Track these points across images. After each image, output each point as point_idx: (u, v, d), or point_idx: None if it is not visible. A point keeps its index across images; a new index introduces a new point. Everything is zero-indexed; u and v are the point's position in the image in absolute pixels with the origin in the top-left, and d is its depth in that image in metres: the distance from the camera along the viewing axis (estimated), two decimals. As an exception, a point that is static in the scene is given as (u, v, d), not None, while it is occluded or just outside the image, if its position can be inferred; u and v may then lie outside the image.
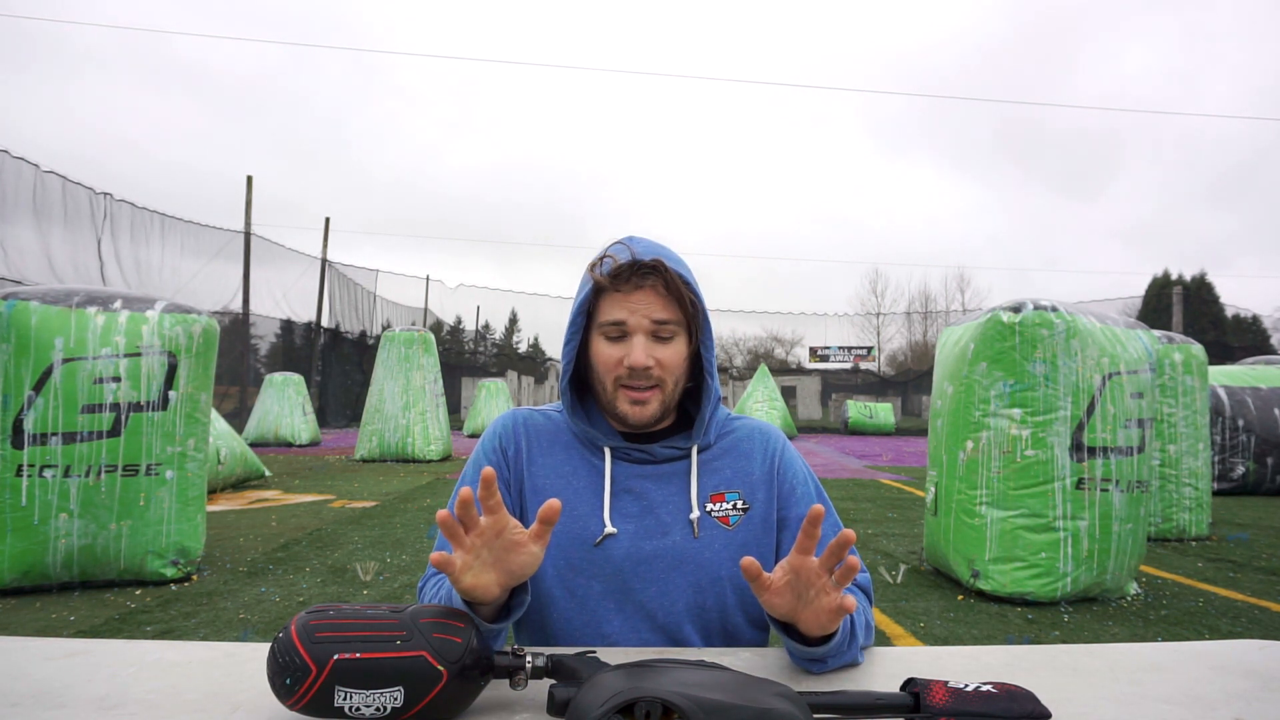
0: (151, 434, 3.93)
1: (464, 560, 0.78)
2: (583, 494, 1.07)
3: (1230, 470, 8.43)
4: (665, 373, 1.04)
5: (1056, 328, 3.83)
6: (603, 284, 1.04)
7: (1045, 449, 3.80)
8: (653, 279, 1.03)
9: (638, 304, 1.03)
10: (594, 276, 1.04)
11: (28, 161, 11.87)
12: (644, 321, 1.03)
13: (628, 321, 1.03)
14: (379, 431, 11.28)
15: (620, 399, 1.05)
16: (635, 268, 1.02)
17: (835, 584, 0.82)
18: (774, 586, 0.83)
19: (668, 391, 1.06)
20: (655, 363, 1.03)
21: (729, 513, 1.08)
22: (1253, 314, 27.07)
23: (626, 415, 1.05)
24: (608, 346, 1.05)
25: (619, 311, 1.03)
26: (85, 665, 0.84)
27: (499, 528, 0.79)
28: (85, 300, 3.95)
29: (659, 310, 1.03)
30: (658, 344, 1.04)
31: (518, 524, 0.81)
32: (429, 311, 29.55)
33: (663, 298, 1.04)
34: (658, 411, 1.06)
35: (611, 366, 1.04)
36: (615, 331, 1.04)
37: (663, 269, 1.03)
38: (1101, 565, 3.81)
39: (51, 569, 3.75)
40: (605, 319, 1.04)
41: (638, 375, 1.03)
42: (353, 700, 0.67)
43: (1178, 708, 0.77)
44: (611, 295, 1.04)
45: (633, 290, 1.03)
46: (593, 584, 1.04)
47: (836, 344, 36.40)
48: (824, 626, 0.83)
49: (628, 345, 1.03)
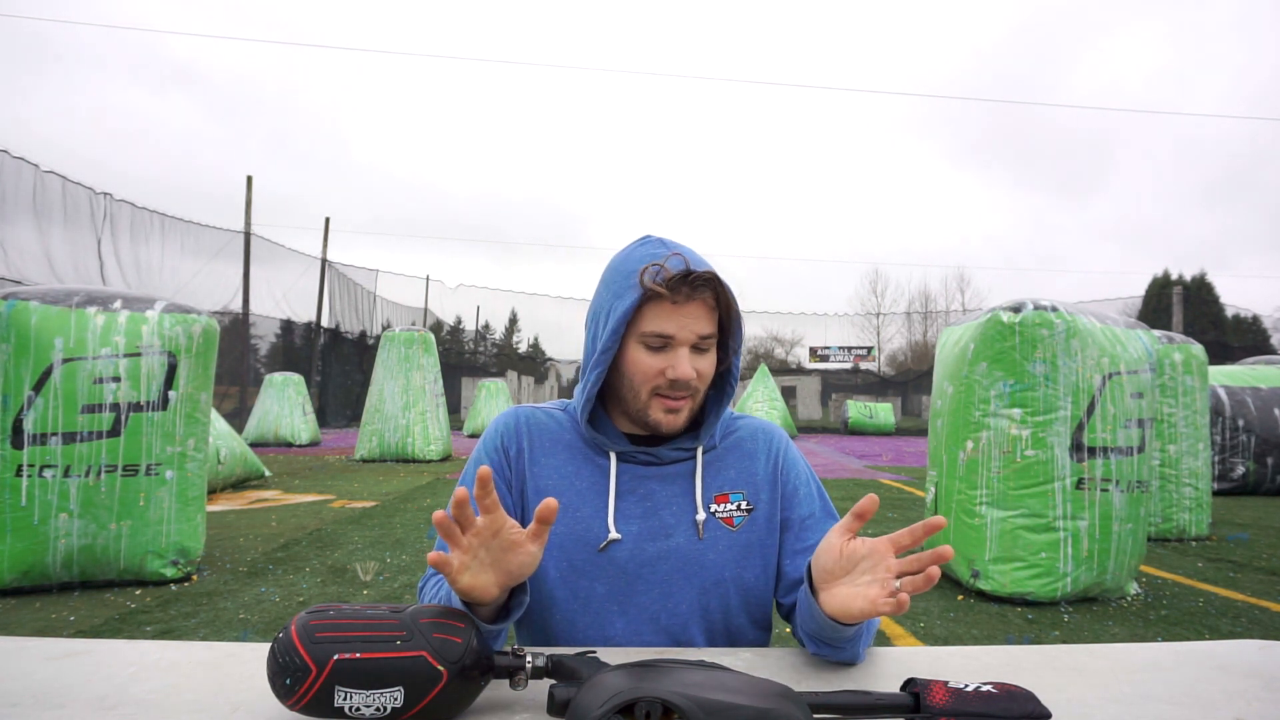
0: (151, 434, 3.92)
1: (461, 560, 0.77)
2: (586, 495, 1.06)
3: (1230, 470, 8.43)
4: (702, 383, 1.04)
5: (1056, 328, 3.83)
6: (657, 291, 0.99)
7: (1045, 449, 3.80)
8: (705, 292, 1.00)
9: (687, 317, 1.00)
10: (646, 284, 0.98)
11: (28, 161, 11.87)
12: (690, 336, 1.00)
13: (676, 335, 1.00)
14: (379, 431, 11.28)
15: (654, 407, 1.03)
16: (689, 279, 0.98)
17: (893, 577, 0.79)
18: (850, 543, 0.83)
19: (698, 400, 1.06)
20: (696, 374, 1.02)
21: (733, 514, 1.07)
22: (1253, 314, 27.09)
23: (660, 424, 1.04)
24: (647, 356, 1.02)
25: (667, 324, 0.99)
26: (85, 665, 0.84)
27: (496, 527, 0.78)
28: (85, 300, 3.95)
29: (705, 324, 1.01)
30: (697, 355, 1.03)
31: (515, 524, 0.80)
32: (429, 311, 29.56)
33: (710, 311, 1.02)
34: (687, 420, 1.06)
35: (651, 376, 1.02)
36: (657, 342, 1.01)
37: (716, 283, 1.00)
38: (1101, 565, 3.81)
39: (51, 569, 3.75)
40: (649, 329, 1.00)
41: (679, 386, 1.01)
42: (353, 700, 0.67)
43: (1178, 708, 0.76)
44: (659, 305, 1.00)
45: (685, 302, 1.00)
46: (596, 586, 1.03)
47: (836, 344, 36.39)
48: (847, 612, 0.82)
49: (670, 356, 1.01)
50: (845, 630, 0.85)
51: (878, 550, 0.81)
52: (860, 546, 0.82)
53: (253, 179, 18.49)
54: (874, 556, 0.81)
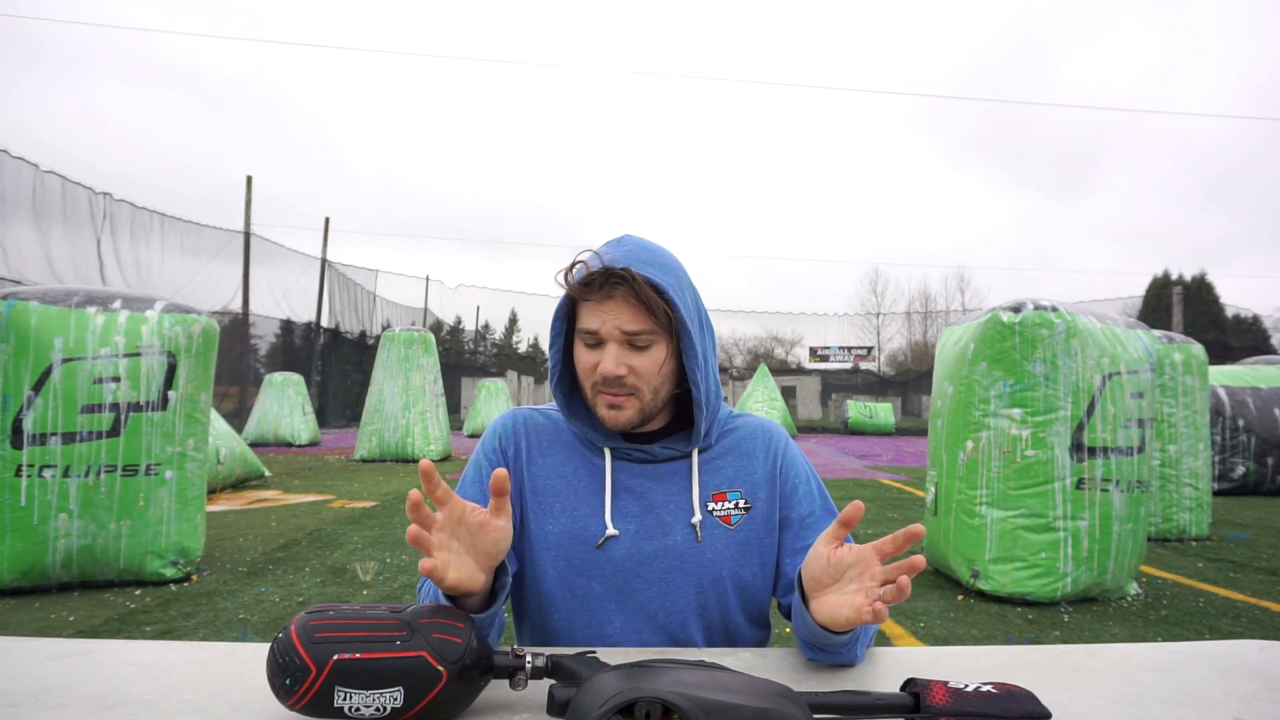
0: (151, 434, 3.92)
1: (442, 559, 0.77)
2: (583, 494, 1.06)
3: (1230, 470, 8.43)
4: (640, 380, 1.02)
5: (1056, 328, 3.83)
6: (573, 293, 1.02)
7: (1045, 449, 3.79)
8: (623, 289, 0.99)
9: (608, 314, 1.00)
10: (562, 283, 1.02)
11: (27, 161, 11.87)
12: (615, 331, 1.00)
13: (600, 330, 1.01)
14: (379, 431, 11.27)
15: (599, 404, 1.04)
16: (605, 276, 0.99)
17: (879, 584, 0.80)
18: (837, 551, 0.83)
19: (645, 399, 1.04)
20: (629, 370, 1.01)
21: (730, 512, 1.07)
22: (1253, 314, 27.08)
23: (604, 420, 1.04)
24: (585, 353, 1.04)
25: (592, 320, 1.01)
26: (85, 665, 0.84)
27: (456, 515, 0.78)
28: (85, 300, 3.95)
29: (629, 321, 1.00)
30: (633, 352, 1.02)
31: (475, 506, 0.80)
32: (429, 311, 29.57)
33: (634, 307, 1.00)
34: (635, 418, 1.04)
35: (588, 372, 1.03)
36: (591, 339, 1.02)
37: (631, 278, 0.98)
38: (1101, 565, 3.81)
39: (51, 569, 3.75)
40: (581, 326, 1.03)
41: (611, 383, 1.02)
42: (352, 700, 0.67)
43: (1178, 708, 0.76)
44: (585, 303, 1.02)
45: (604, 300, 1.00)
46: (593, 585, 1.03)
47: (836, 344, 36.43)
48: (835, 620, 0.82)
49: (601, 352, 1.02)
50: (837, 637, 0.85)
51: (864, 558, 0.81)
52: (847, 554, 0.82)
53: (252, 179, 18.50)
54: (860, 564, 0.81)
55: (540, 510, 1.06)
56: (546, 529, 1.05)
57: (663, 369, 1.03)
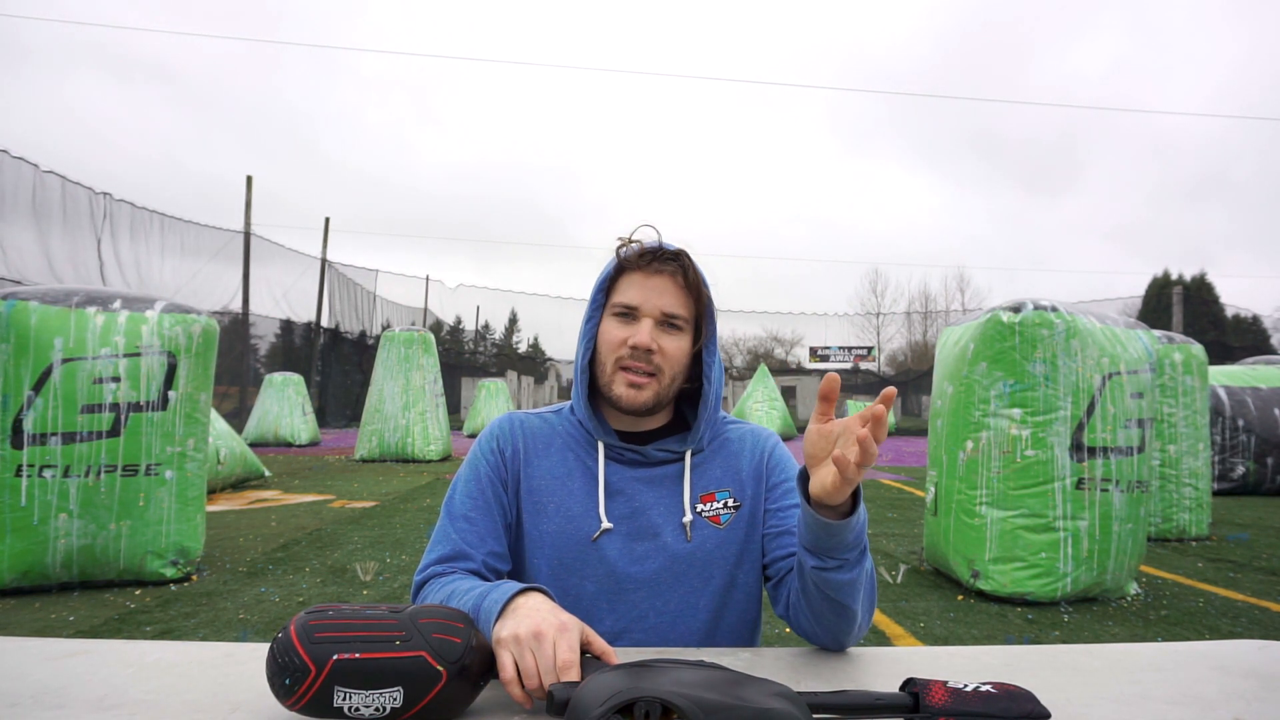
0: (151, 434, 3.92)
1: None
2: (577, 494, 1.07)
3: (1230, 470, 8.43)
4: (666, 362, 1.05)
5: (1056, 328, 3.83)
6: (625, 263, 1.05)
7: (1045, 449, 3.79)
8: (673, 267, 1.04)
9: (653, 289, 1.04)
10: (617, 254, 1.06)
11: (27, 161, 11.87)
12: (655, 310, 1.04)
13: (641, 306, 1.04)
14: (379, 431, 11.28)
15: (618, 380, 1.05)
16: (659, 253, 1.04)
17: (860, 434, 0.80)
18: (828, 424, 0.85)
19: (664, 383, 1.06)
20: (659, 348, 1.04)
21: (720, 511, 1.08)
22: (1253, 314, 27.09)
23: (621, 398, 1.05)
24: (616, 326, 1.06)
25: (634, 294, 1.05)
26: (84, 665, 0.84)
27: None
28: (85, 300, 3.95)
29: (671, 301, 1.05)
30: (665, 333, 1.05)
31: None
32: (429, 311, 29.59)
33: (679, 289, 1.05)
34: (651, 400, 1.05)
35: (615, 345, 1.05)
36: (626, 313, 1.05)
37: (685, 260, 1.05)
38: (1101, 565, 3.81)
39: (51, 569, 3.75)
40: (618, 299, 1.06)
41: (639, 356, 1.03)
42: (352, 700, 0.67)
43: (1178, 708, 0.76)
44: (630, 276, 1.06)
45: (652, 274, 1.04)
46: (585, 584, 1.04)
47: (836, 344, 36.46)
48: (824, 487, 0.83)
49: (635, 326, 1.04)
50: (837, 528, 0.86)
51: (850, 426, 0.83)
52: (835, 426, 0.85)
53: (252, 179, 18.50)
54: (847, 433, 0.83)
55: (535, 510, 1.07)
56: (540, 529, 1.06)
57: (685, 357, 1.07)
